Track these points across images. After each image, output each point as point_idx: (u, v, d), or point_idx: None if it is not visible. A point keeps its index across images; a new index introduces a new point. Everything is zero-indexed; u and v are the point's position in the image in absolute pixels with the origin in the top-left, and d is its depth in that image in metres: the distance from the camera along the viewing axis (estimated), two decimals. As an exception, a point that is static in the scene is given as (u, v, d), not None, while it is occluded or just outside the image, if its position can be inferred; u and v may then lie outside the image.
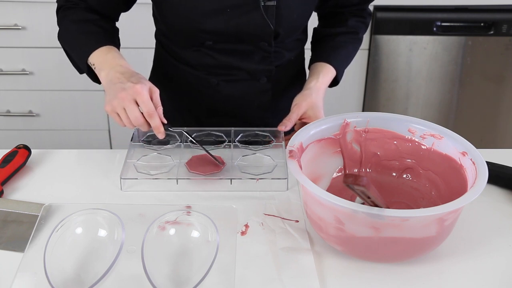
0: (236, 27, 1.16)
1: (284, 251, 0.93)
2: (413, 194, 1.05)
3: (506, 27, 2.20)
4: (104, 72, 1.09)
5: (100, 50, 1.12)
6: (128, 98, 1.01)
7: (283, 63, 1.28)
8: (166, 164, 1.14)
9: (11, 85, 2.32)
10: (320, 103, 1.22)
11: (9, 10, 2.17)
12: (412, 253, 0.89)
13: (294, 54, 1.31)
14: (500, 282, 0.88)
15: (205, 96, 1.29)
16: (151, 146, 1.18)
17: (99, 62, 1.11)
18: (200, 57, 1.24)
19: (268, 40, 1.20)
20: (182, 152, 1.16)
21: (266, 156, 1.16)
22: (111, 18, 1.23)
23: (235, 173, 1.11)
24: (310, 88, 1.22)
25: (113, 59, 1.10)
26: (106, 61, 1.11)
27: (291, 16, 1.19)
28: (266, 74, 1.26)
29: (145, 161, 1.15)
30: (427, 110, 2.40)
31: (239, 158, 1.15)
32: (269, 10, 1.15)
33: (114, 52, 1.13)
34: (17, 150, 1.16)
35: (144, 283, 0.83)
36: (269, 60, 1.24)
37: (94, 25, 1.17)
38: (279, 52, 1.25)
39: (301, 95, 1.21)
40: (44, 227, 0.94)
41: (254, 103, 1.30)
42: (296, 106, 1.19)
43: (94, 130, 2.42)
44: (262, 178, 1.09)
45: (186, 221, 0.94)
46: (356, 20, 1.32)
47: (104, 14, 1.20)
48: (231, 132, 1.21)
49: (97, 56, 1.12)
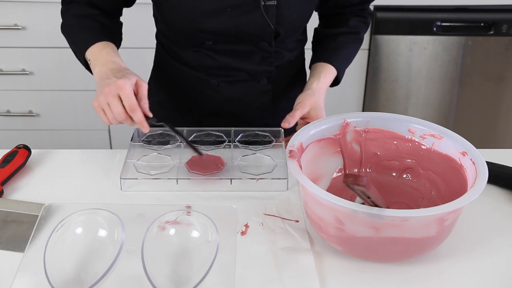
0: (236, 27, 1.16)
1: (284, 251, 0.93)
2: (413, 194, 1.05)
3: (506, 27, 2.20)
4: (97, 68, 1.09)
5: (96, 46, 1.12)
6: (111, 93, 1.00)
7: (283, 64, 1.28)
8: (166, 164, 1.14)
9: (11, 85, 2.32)
10: (322, 103, 1.23)
11: (9, 10, 2.17)
12: (412, 253, 0.89)
13: (294, 54, 1.31)
14: (500, 282, 0.88)
15: (205, 97, 1.29)
16: (151, 146, 1.18)
17: (94, 59, 1.11)
18: (200, 58, 1.24)
19: (269, 40, 1.20)
20: (182, 152, 1.16)
21: (266, 156, 1.16)
22: (113, 13, 1.23)
23: (235, 173, 1.11)
24: (312, 89, 1.23)
25: (107, 55, 1.10)
26: (100, 57, 1.10)
27: (291, 16, 1.19)
28: (266, 75, 1.26)
29: (145, 161, 1.15)
30: (427, 110, 2.40)
31: (239, 158, 1.15)
32: (270, 10, 1.15)
33: (109, 48, 1.12)
34: (17, 150, 1.16)
35: (144, 283, 0.83)
36: (269, 61, 1.24)
37: (94, 21, 1.17)
38: (279, 52, 1.25)
39: (304, 95, 1.21)
40: (44, 227, 0.94)
41: (254, 104, 1.30)
42: (300, 104, 1.19)
43: (94, 130, 2.42)
44: (262, 178, 1.09)
45: (186, 221, 0.94)
46: (357, 20, 1.32)
47: (105, 9, 1.20)
48: (231, 132, 1.21)
49: (93, 52, 1.12)
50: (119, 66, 1.07)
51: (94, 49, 1.12)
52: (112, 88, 1.00)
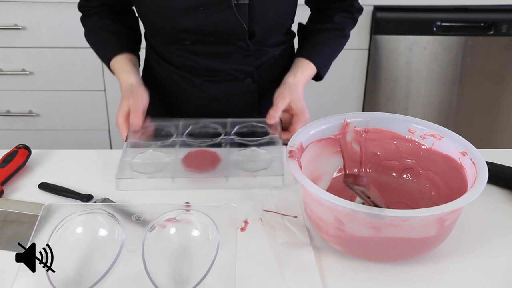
0: (211, 26, 1.17)
1: (284, 246, 0.93)
2: (413, 194, 1.05)
3: (506, 27, 2.20)
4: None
5: (112, 63, 1.26)
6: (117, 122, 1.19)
7: (266, 63, 1.29)
8: (162, 162, 1.12)
9: (11, 85, 2.32)
10: (301, 96, 1.23)
11: (9, 10, 2.17)
12: (412, 253, 0.89)
13: (279, 50, 1.30)
14: (500, 282, 0.88)
15: (191, 96, 1.30)
16: (147, 142, 1.16)
17: (115, 73, 1.27)
18: (182, 58, 1.26)
19: (244, 39, 1.20)
20: (178, 149, 1.15)
21: (263, 150, 1.15)
22: (123, 8, 1.31)
23: (231, 170, 1.10)
24: (289, 83, 1.23)
25: (119, 74, 1.24)
26: (117, 74, 1.25)
27: (266, 15, 1.19)
28: (249, 75, 1.27)
29: (140, 159, 1.13)
30: (427, 110, 2.40)
31: (235, 153, 1.14)
32: (242, 9, 1.15)
33: (119, 64, 1.25)
34: (17, 150, 1.16)
35: (145, 282, 0.83)
36: (249, 60, 1.24)
37: (107, 32, 1.28)
38: (261, 50, 1.25)
39: (283, 89, 1.22)
40: (44, 227, 0.94)
41: (241, 103, 1.31)
42: (279, 97, 1.19)
43: (94, 130, 2.42)
44: (258, 175, 1.09)
45: (186, 219, 0.94)
46: (343, 16, 1.31)
47: (118, 9, 1.29)
48: (227, 123, 1.20)
49: (112, 68, 1.27)
50: (124, 89, 1.21)
51: (112, 66, 1.27)
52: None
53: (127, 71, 1.23)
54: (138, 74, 1.25)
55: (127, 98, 1.18)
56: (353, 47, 2.20)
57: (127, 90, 1.20)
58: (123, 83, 1.23)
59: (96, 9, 1.29)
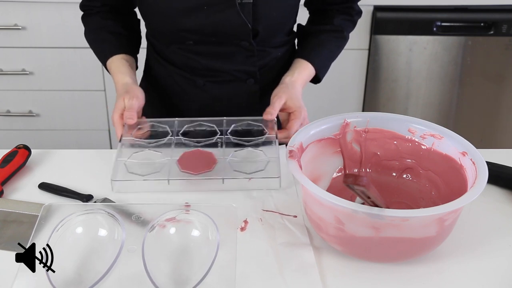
0: (214, 26, 1.17)
1: (284, 246, 0.93)
2: (413, 194, 1.05)
3: (506, 27, 2.20)
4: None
5: (108, 63, 1.27)
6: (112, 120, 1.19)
7: (269, 64, 1.29)
8: (158, 162, 1.11)
9: (11, 85, 2.32)
10: (298, 95, 1.23)
11: (9, 10, 2.17)
12: (412, 253, 0.89)
13: (280, 54, 1.30)
14: (500, 282, 0.88)
15: (193, 96, 1.30)
16: (142, 141, 1.15)
17: (110, 73, 1.27)
18: (184, 59, 1.25)
19: (248, 39, 1.20)
20: (174, 149, 1.14)
21: (259, 151, 1.14)
22: (126, 10, 1.31)
23: (227, 172, 1.08)
24: (286, 83, 1.23)
25: (114, 74, 1.25)
26: (112, 74, 1.26)
27: (270, 14, 1.19)
28: (251, 75, 1.26)
29: (136, 159, 1.12)
30: (427, 110, 2.40)
31: (231, 154, 1.13)
32: (246, 8, 1.15)
33: (115, 63, 1.26)
34: (17, 150, 1.16)
35: (145, 282, 0.83)
36: (252, 60, 1.24)
37: (107, 32, 1.29)
38: (264, 51, 1.25)
39: (279, 88, 1.22)
40: (44, 227, 0.94)
41: (243, 104, 1.30)
42: (276, 96, 1.19)
43: (94, 130, 2.42)
44: (254, 177, 1.08)
45: (186, 219, 0.94)
46: (343, 18, 1.32)
47: (119, 10, 1.29)
48: (223, 122, 1.19)
49: (108, 67, 1.27)
50: (119, 88, 1.22)
51: (108, 65, 1.27)
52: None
53: (123, 72, 1.24)
54: (133, 75, 1.25)
55: (122, 96, 1.18)
56: (353, 47, 2.20)
57: (122, 89, 1.21)
58: (117, 83, 1.23)
59: (98, 9, 1.30)
